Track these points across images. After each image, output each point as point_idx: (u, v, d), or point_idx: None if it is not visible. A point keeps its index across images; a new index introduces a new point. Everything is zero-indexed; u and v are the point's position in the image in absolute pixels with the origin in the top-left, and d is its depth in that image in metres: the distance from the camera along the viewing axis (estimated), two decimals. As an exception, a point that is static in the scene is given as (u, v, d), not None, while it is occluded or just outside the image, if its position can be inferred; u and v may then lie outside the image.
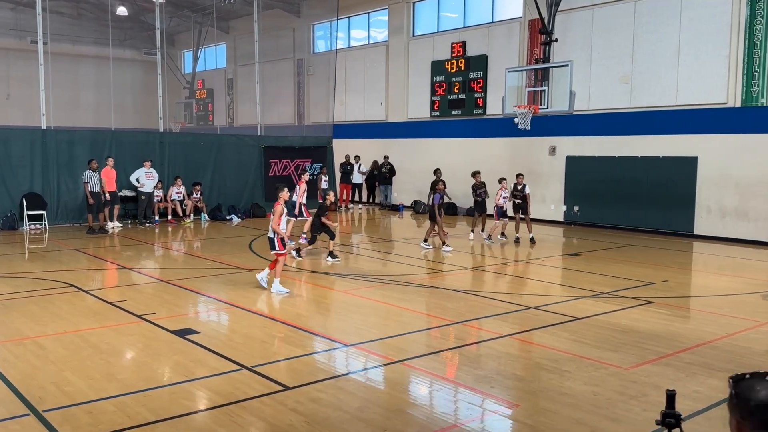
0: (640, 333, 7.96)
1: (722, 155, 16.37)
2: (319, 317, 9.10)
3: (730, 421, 2.55)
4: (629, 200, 18.10)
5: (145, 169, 18.67)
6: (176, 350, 7.17)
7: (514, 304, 9.55)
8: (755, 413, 2.45)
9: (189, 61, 35.21)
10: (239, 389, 5.96)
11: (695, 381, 6.25)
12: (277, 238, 10.03)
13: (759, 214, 15.83)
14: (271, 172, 22.89)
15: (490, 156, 21.79)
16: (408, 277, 11.51)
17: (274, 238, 10.08)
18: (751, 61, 15.76)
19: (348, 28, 27.79)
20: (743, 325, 8.40)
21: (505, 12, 21.68)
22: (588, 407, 5.65)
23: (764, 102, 15.63)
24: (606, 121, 18.67)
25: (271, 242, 10.20)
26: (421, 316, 9.22)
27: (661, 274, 12.01)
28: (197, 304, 9.73)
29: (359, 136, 26.38)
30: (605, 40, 18.61)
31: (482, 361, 7.05)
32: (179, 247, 15.97)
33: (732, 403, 2.55)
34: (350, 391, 6.05)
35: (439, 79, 23.49)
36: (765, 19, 15.48)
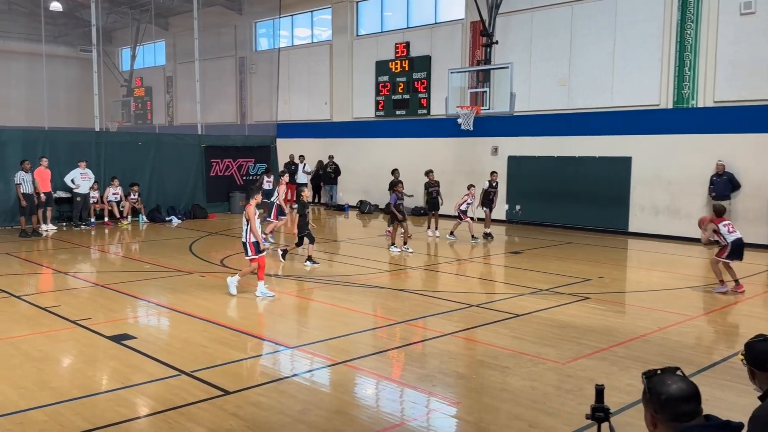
0: (576, 328, 8.17)
1: (655, 155, 16.95)
2: (261, 320, 9.00)
3: (645, 415, 2.65)
4: (568, 199, 18.56)
5: (80, 170, 18.09)
6: (112, 356, 6.98)
7: (458, 302, 9.66)
8: (667, 406, 2.57)
9: (127, 59, 34.32)
10: (177, 395, 5.84)
11: (628, 374, 6.45)
12: (249, 243, 9.74)
13: (690, 212, 16.44)
14: (213, 172, 22.52)
15: (434, 156, 21.98)
16: (353, 278, 11.51)
17: (246, 242, 9.78)
18: (682, 64, 16.36)
19: (291, 27, 27.59)
20: (674, 319, 8.72)
21: (448, 13, 21.91)
22: (526, 402, 5.77)
23: (695, 104, 16.26)
24: (545, 122, 19.10)
25: (243, 247, 9.91)
26: (365, 317, 9.24)
27: (597, 270, 12.36)
28: (135, 308, 9.49)
29: (303, 136, 26.23)
30: (544, 42, 19.02)
31: (425, 359, 7.11)
32: (116, 249, 15.55)
33: (645, 398, 2.66)
34: (292, 394, 6.01)
35: (383, 79, 23.57)
36: (695, 23, 16.09)
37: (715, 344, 7.86)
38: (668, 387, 2.64)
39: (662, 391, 2.63)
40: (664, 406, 2.61)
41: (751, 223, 15.50)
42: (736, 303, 10.05)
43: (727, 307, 9.82)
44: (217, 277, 11.43)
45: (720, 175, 15.61)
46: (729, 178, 15.53)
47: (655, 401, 2.63)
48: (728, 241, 10.30)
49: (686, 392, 2.61)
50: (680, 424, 2.54)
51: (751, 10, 15.22)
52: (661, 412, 2.60)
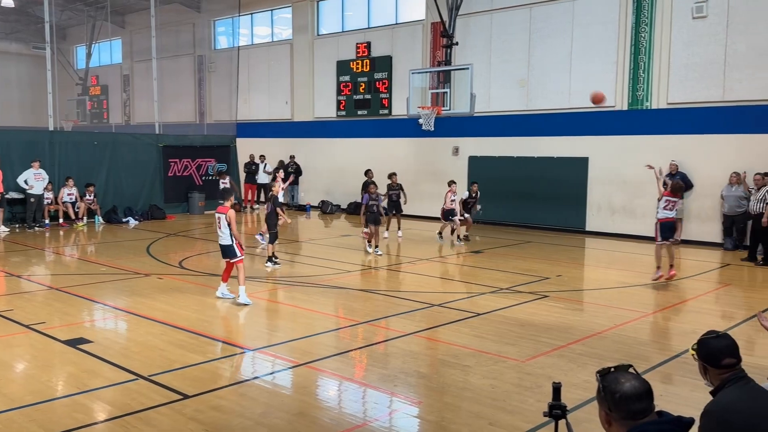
0: (536, 326, 8.30)
1: (611, 155, 17.30)
2: (221, 322, 8.90)
3: (600, 413, 2.69)
4: (527, 198, 18.82)
5: (33, 170, 17.64)
6: (68, 361, 6.83)
7: (420, 302, 9.71)
8: (620, 405, 2.62)
9: (82, 57, 33.56)
10: (135, 400, 5.75)
11: (586, 371, 6.57)
12: (236, 244, 9.46)
13: (645, 211, 16.83)
14: (171, 173, 22.17)
15: (395, 156, 22.04)
16: (315, 279, 11.47)
17: (232, 244, 9.48)
18: (637, 66, 16.74)
19: (251, 25, 27.34)
20: (630, 316, 8.92)
21: (409, 14, 21.99)
22: (486, 400, 5.83)
23: (649, 105, 16.65)
24: (505, 122, 19.32)
25: (228, 250, 9.53)
26: (327, 318, 9.22)
27: (555, 269, 12.56)
28: (91, 311, 9.29)
29: (264, 136, 26.02)
30: (503, 44, 19.24)
31: (387, 360, 7.14)
32: (71, 251, 15.19)
33: (600, 396, 2.70)
34: (252, 397, 5.96)
35: (344, 78, 23.53)
36: (649, 27, 16.48)
37: (668, 340, 8.06)
38: (622, 385, 2.68)
39: (616, 390, 2.67)
40: (618, 404, 2.65)
41: (703, 222, 15.97)
42: (689, 300, 10.33)
43: (679, 304, 10.09)
44: (176, 279, 11.27)
45: (673, 174, 15.99)
46: (681, 178, 15.92)
47: (609, 400, 2.68)
48: (656, 218, 10.75)
49: (639, 390, 2.66)
50: (633, 421, 2.60)
51: (702, 14, 15.64)
52: (615, 410, 2.65)
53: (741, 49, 15.18)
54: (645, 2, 16.52)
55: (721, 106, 15.54)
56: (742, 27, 15.13)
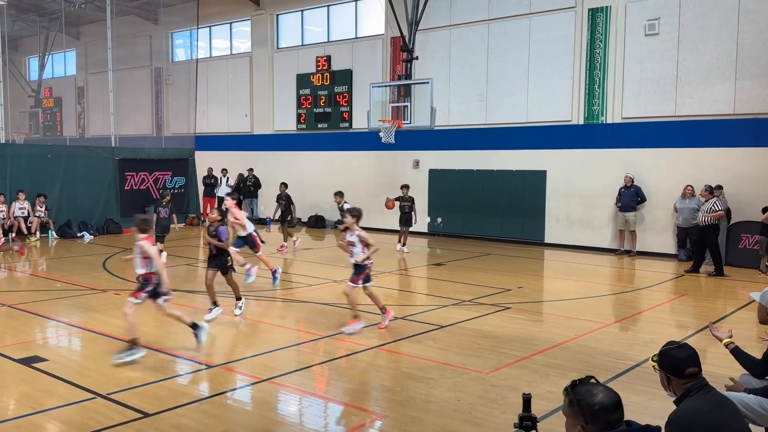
0: (498, 338, 8.36)
1: (568, 168, 17.63)
2: (180, 338, 8.68)
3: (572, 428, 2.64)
4: (487, 211, 19.02)
5: None
6: (21, 380, 6.60)
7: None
8: (599, 416, 2.60)
9: (34, 68, 32.76)
10: (93, 419, 5.58)
11: (549, 382, 6.64)
12: None
13: (601, 223, 17.19)
14: (127, 186, 21.74)
15: (356, 169, 22.07)
16: (275, 293, 11.35)
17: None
18: (592, 82, 17.12)
19: (209, 38, 27.11)
20: (590, 326, 9.06)
21: (368, 28, 22.11)
22: (452, 413, 5.84)
23: (604, 120, 17.04)
24: (465, 136, 19.53)
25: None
26: (288, 332, 9.13)
27: (516, 280, 12.70)
28: (45, 329, 9.02)
29: (223, 149, 25.76)
30: (462, 59, 19.48)
31: (351, 374, 7.09)
32: (24, 267, 14.74)
33: (573, 410, 2.66)
34: (215, 414, 5.86)
35: (305, 92, 23.49)
36: (603, 43, 16.89)
37: (628, 350, 8.20)
38: (596, 397, 2.64)
39: (593, 402, 2.61)
40: (596, 415, 2.60)
41: (658, 234, 16.36)
42: (646, 310, 10.56)
43: (637, 314, 10.30)
44: (134, 295, 11.00)
45: (628, 187, 16.38)
46: (636, 191, 16.33)
47: (586, 413, 2.62)
48: None
49: (614, 400, 2.65)
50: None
51: (655, 31, 16.12)
52: (592, 422, 2.59)
53: (691, 66, 15.67)
54: (599, 19, 16.94)
55: (673, 120, 16.00)
56: (692, 45, 15.63)
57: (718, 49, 15.29)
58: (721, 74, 15.31)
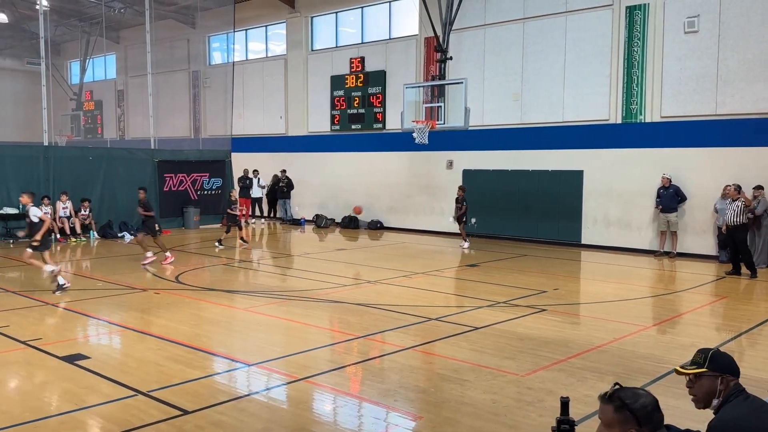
0: (534, 340, 8.29)
1: (606, 169, 17.39)
2: (218, 336, 8.86)
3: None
4: (522, 212, 18.88)
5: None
6: (65, 377, 6.77)
7: (416, 316, 9.69)
8: (652, 417, 2.63)
9: (76, 72, 33.56)
10: (135, 416, 5.70)
11: (586, 385, 6.57)
12: None
13: (640, 224, 16.92)
14: (166, 187, 22.15)
15: (389, 169, 22.11)
16: (310, 292, 11.45)
17: None
18: (630, 80, 16.87)
19: (245, 41, 27.44)
20: (628, 329, 8.93)
21: (402, 29, 22.13)
22: (488, 415, 5.81)
23: (642, 119, 16.77)
24: (499, 136, 19.41)
25: None
26: (324, 332, 9.19)
27: (552, 282, 12.57)
28: (87, 327, 9.24)
29: (258, 150, 26.04)
30: (497, 58, 19.37)
31: (385, 374, 7.11)
32: (67, 267, 15.10)
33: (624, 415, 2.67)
34: (253, 412, 5.93)
35: (338, 93, 23.61)
36: (641, 41, 16.63)
37: (667, 353, 8.06)
38: (644, 398, 2.71)
39: (644, 404, 2.68)
40: (649, 416, 2.67)
41: (698, 235, 16.03)
42: (686, 313, 10.36)
43: (677, 317, 10.12)
44: (173, 294, 11.23)
45: (666, 188, 16.09)
46: (675, 191, 16.03)
47: (640, 414, 2.67)
48: None
49: (655, 401, 2.70)
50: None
51: (694, 29, 15.81)
52: (646, 423, 2.65)
53: (732, 64, 15.33)
54: (637, 17, 16.68)
55: (714, 119, 15.67)
56: (733, 42, 15.29)
57: (761, 46, 14.93)
58: (763, 72, 14.94)
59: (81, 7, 28.01)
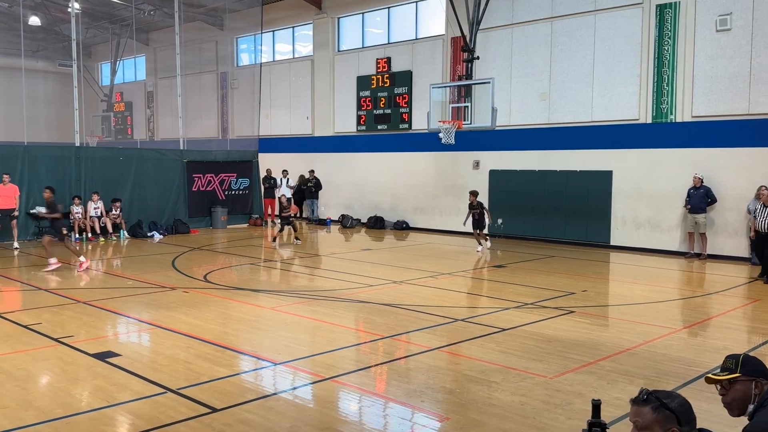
0: (563, 342, 8.21)
1: (636, 169, 17.17)
2: (246, 335, 8.92)
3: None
4: (550, 212, 18.72)
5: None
6: (96, 374, 6.88)
7: (442, 316, 9.66)
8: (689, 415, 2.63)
9: (106, 73, 34.11)
10: (164, 413, 5.77)
11: (616, 388, 6.48)
12: None
13: (670, 225, 16.67)
14: (195, 187, 22.40)
15: (415, 170, 22.09)
16: (336, 292, 11.48)
17: None
18: (660, 79, 16.63)
19: (272, 42, 27.63)
20: (659, 332, 8.80)
21: (428, 29, 22.10)
22: (515, 417, 5.77)
23: (673, 118, 16.52)
24: (527, 136, 19.27)
25: None
26: (350, 332, 9.21)
27: (581, 284, 12.44)
28: (118, 325, 9.38)
29: (285, 150, 26.21)
30: (524, 58, 19.24)
31: (412, 375, 7.09)
32: (97, 265, 15.35)
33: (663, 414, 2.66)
34: (280, 411, 5.96)
35: (365, 93, 23.65)
36: (672, 40, 16.39)
37: (698, 356, 7.92)
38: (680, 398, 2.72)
39: (681, 402, 2.70)
40: (688, 415, 2.68)
41: (730, 236, 15.74)
42: (718, 315, 10.18)
43: (708, 320, 9.95)
44: (201, 293, 11.35)
45: (697, 188, 15.83)
46: (706, 192, 15.76)
47: (680, 413, 2.68)
48: None
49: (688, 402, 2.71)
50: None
51: (726, 27, 15.53)
52: (686, 423, 2.66)
53: (766, 62, 15.03)
54: (668, 15, 16.44)
55: (746, 119, 15.38)
56: (767, 40, 14.99)
57: (796, 43, 14.62)
58: (799, 70, 14.63)
59: (112, 9, 28.46)
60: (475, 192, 17.38)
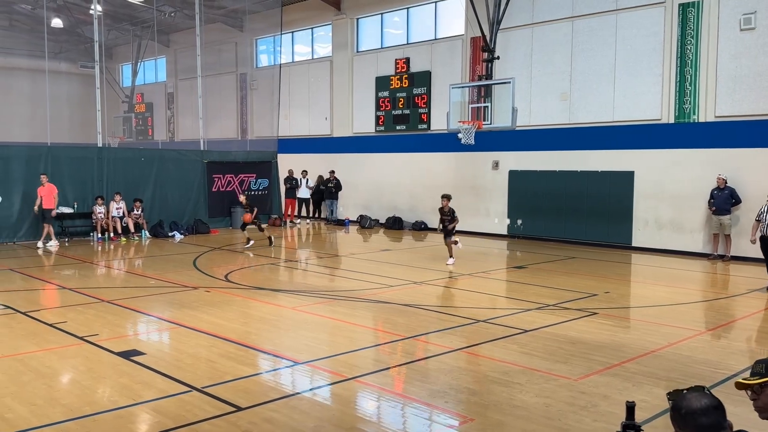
0: (586, 344, 8.15)
1: (658, 169, 17.00)
2: (267, 335, 8.96)
3: None
4: (570, 213, 18.59)
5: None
6: (121, 372, 6.94)
7: (463, 317, 9.63)
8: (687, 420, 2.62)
9: (127, 75, 34.45)
10: (190, 411, 5.80)
11: (642, 390, 6.42)
12: None
13: (693, 226, 16.48)
14: (215, 188, 22.54)
15: (434, 170, 22.05)
16: (356, 293, 11.49)
17: None
18: (683, 79, 16.46)
19: (291, 43, 27.73)
20: (684, 334, 8.70)
21: (448, 30, 22.05)
22: (540, 419, 5.73)
23: (696, 118, 16.34)
24: (547, 136, 19.17)
25: None
26: (371, 332, 9.21)
27: (603, 285, 12.34)
28: (141, 324, 9.46)
29: (304, 151, 26.30)
30: (545, 57, 19.14)
31: (434, 375, 7.07)
32: (120, 265, 15.50)
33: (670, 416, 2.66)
34: (304, 410, 5.97)
35: (383, 94, 23.66)
36: (695, 39, 16.21)
37: (725, 359, 7.83)
38: (687, 401, 2.66)
39: (681, 405, 2.65)
40: (684, 419, 2.62)
41: (754, 238, 15.50)
42: (743, 318, 10.05)
43: (732, 322, 9.82)
44: (222, 292, 11.41)
45: (721, 189, 15.64)
46: (730, 193, 15.57)
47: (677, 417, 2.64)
48: None
49: (706, 405, 2.61)
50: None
51: (750, 26, 15.33)
52: (683, 427, 2.62)
53: (792, 61, 14.82)
54: (690, 14, 16.27)
55: (771, 119, 15.17)
56: (793, 38, 14.79)
57: (823, 42, 14.39)
58: (825, 69, 14.40)
59: (133, 11, 28.73)
60: (447, 196, 15.05)
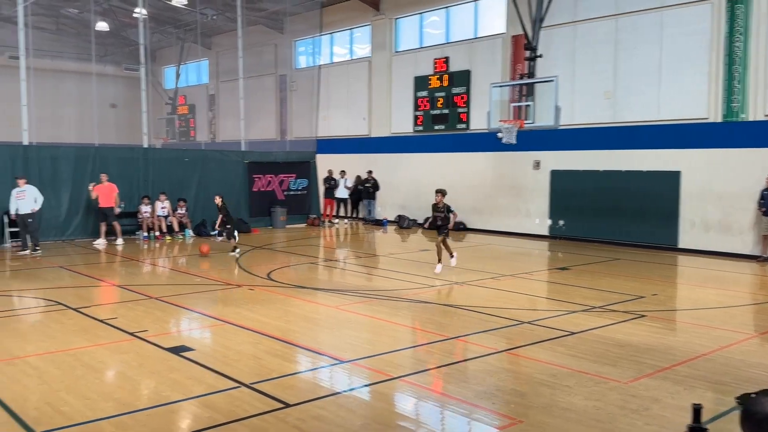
0: (635, 347, 8.00)
1: (705, 169, 16.62)
2: (310, 333, 9.01)
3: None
4: (614, 214, 18.28)
5: (18, 188, 16.03)
6: (172, 368, 7.06)
7: (508, 318, 9.55)
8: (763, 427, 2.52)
9: (170, 77, 35.06)
10: (239, 407, 5.88)
11: (694, 394, 6.28)
12: None
13: (742, 227, 16.06)
14: (255, 188, 22.79)
15: (473, 170, 21.93)
16: (396, 292, 11.49)
17: None
18: (731, 77, 16.06)
19: (331, 44, 27.88)
20: (735, 337, 8.49)
21: (488, 28, 21.91)
22: (591, 422, 5.65)
23: (745, 117, 15.93)
24: (590, 135, 18.89)
25: None
26: (413, 332, 9.20)
27: (650, 287, 12.11)
28: (188, 320, 9.62)
29: (342, 151, 26.41)
30: (588, 55, 18.88)
31: (481, 376, 7.03)
32: (166, 263, 15.78)
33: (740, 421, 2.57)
34: (351, 408, 5.99)
35: (422, 94, 23.62)
36: (744, 36, 15.81)
37: (779, 364, 7.62)
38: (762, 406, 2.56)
39: (757, 410, 2.56)
40: (760, 426, 2.52)
41: (806, 240, 15.06)
42: (798, 321, 9.77)
43: (788, 326, 9.54)
44: (266, 291, 11.53)
45: (770, 189, 15.22)
46: (780, 193, 15.14)
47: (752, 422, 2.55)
48: None
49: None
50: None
51: (803, 21, 14.89)
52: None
53: None
54: (739, 11, 15.87)
55: (825, 117, 14.71)
56: None
57: None
58: None
59: (176, 14, 29.23)
60: (442, 191, 13.79)
